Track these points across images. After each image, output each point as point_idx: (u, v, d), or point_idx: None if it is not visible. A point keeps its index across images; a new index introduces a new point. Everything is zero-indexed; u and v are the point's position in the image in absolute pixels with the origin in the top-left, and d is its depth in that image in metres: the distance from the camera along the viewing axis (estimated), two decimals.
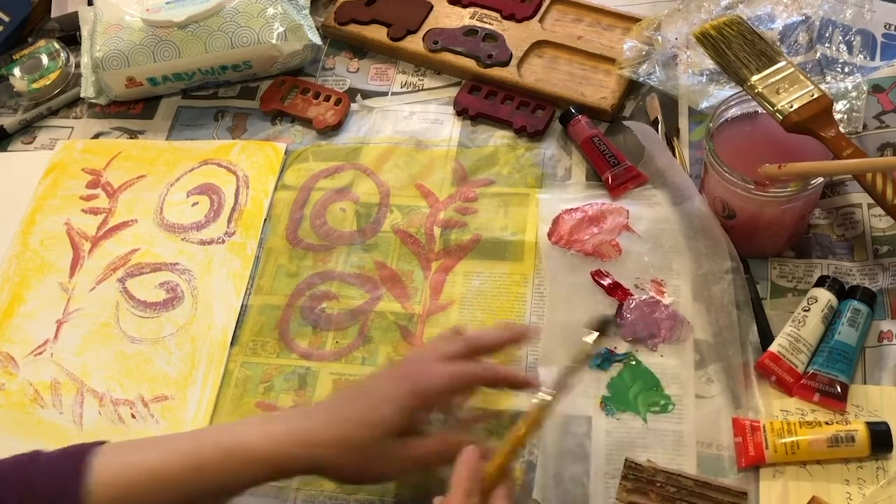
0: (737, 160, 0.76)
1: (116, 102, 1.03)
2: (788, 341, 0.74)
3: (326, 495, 0.74)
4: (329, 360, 0.82)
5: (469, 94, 0.96)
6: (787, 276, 0.80)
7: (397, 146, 0.94)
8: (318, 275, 0.87)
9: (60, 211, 0.94)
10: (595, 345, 0.66)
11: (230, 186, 0.94)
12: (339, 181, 0.93)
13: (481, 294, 0.83)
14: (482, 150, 0.93)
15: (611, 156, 0.88)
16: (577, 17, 1.00)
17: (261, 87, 1.02)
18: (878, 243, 0.81)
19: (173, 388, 0.81)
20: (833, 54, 0.90)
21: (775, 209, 0.76)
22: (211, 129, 0.99)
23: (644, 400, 0.75)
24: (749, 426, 0.71)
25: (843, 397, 0.72)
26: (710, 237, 0.80)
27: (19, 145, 1.02)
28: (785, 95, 0.77)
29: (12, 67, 1.05)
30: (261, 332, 0.84)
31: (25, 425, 0.81)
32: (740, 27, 0.83)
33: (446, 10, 1.03)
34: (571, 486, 0.72)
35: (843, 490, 0.69)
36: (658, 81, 0.92)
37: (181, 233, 0.91)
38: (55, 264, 0.90)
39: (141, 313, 0.86)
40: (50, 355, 0.85)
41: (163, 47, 0.96)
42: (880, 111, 0.86)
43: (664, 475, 0.70)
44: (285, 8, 0.98)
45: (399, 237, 0.88)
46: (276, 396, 0.80)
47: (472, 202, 0.89)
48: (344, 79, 1.01)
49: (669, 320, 0.78)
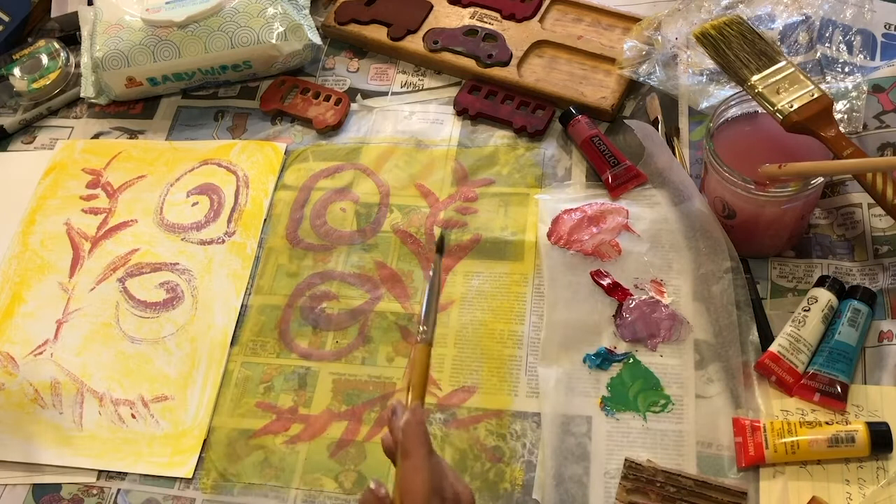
0: (737, 160, 0.76)
1: (116, 102, 1.03)
2: (788, 341, 0.74)
3: (326, 495, 0.75)
4: (329, 360, 0.82)
5: (469, 94, 0.96)
6: (787, 276, 0.80)
7: (397, 146, 0.94)
8: (318, 275, 0.87)
9: (60, 211, 0.94)
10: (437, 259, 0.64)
11: (230, 186, 0.94)
12: (339, 181, 0.93)
13: (481, 294, 0.83)
14: (482, 150, 0.93)
15: (611, 156, 0.88)
16: (577, 16, 1.00)
17: (261, 87, 1.02)
18: (878, 243, 0.81)
19: (173, 388, 0.81)
20: (833, 54, 0.90)
21: (775, 209, 0.76)
22: (211, 129, 0.99)
23: (644, 399, 0.75)
24: (749, 426, 0.71)
25: (843, 397, 0.72)
26: (710, 237, 0.80)
27: (19, 145, 1.02)
28: (785, 95, 0.77)
29: (12, 67, 1.05)
30: (261, 332, 0.84)
31: (25, 425, 0.81)
32: (740, 27, 0.83)
33: (446, 10, 1.03)
34: (571, 486, 0.72)
35: (843, 490, 0.69)
36: (658, 81, 0.92)
37: (181, 233, 0.91)
38: (55, 264, 0.90)
39: (141, 313, 0.86)
40: (50, 355, 0.85)
41: (163, 47, 0.96)
42: (880, 111, 0.86)
43: (664, 475, 0.70)
44: (285, 8, 0.98)
45: (399, 237, 0.88)
46: (276, 396, 0.80)
47: (472, 202, 0.89)
48: (344, 79, 1.01)
49: (669, 320, 0.78)
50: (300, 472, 0.76)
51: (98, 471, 0.78)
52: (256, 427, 0.79)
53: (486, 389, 0.78)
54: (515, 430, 0.76)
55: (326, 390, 0.80)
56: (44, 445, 0.80)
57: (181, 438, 0.79)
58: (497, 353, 0.79)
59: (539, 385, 0.77)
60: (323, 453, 0.77)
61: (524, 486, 0.73)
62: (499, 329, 0.81)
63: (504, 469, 0.74)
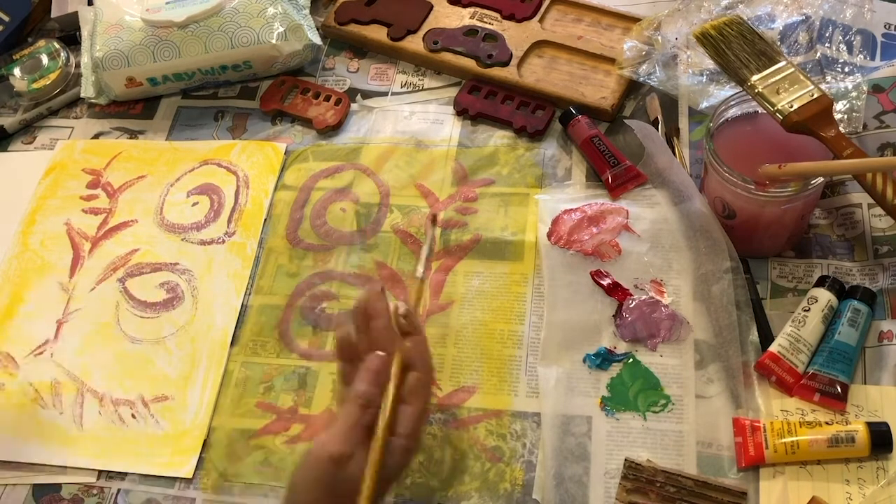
0: (737, 160, 0.76)
1: (116, 102, 1.03)
2: (788, 341, 0.74)
3: None
4: (329, 360, 0.82)
5: (469, 94, 0.96)
6: (787, 276, 0.80)
7: (397, 146, 0.95)
8: (318, 275, 0.87)
9: (60, 211, 0.94)
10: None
11: (230, 186, 0.94)
12: (339, 181, 0.93)
13: (481, 294, 0.83)
14: (482, 150, 0.93)
15: (611, 156, 0.88)
16: (577, 17, 1.00)
17: (261, 87, 1.02)
18: (878, 243, 0.81)
19: (173, 388, 0.81)
20: (833, 54, 0.90)
21: (775, 209, 0.76)
22: (211, 129, 0.99)
23: (644, 399, 0.75)
24: (749, 426, 0.71)
25: (843, 397, 0.72)
26: (710, 237, 0.80)
27: (19, 145, 1.02)
28: (785, 95, 0.77)
29: (12, 67, 1.05)
30: (261, 332, 0.84)
31: (25, 425, 0.81)
32: (740, 27, 0.83)
33: (446, 10, 1.03)
34: (571, 486, 0.72)
35: (843, 490, 0.69)
36: (658, 81, 0.92)
37: (181, 233, 0.91)
38: (55, 264, 0.90)
39: (141, 313, 0.86)
40: (50, 355, 0.85)
41: (163, 47, 0.96)
42: (880, 111, 0.86)
43: (664, 475, 0.70)
44: (285, 8, 0.98)
45: (399, 237, 0.88)
46: (277, 396, 0.80)
47: (472, 202, 0.89)
48: (344, 79, 1.01)
49: (669, 320, 0.78)
50: None
51: (98, 471, 0.78)
52: (257, 427, 0.79)
53: (486, 389, 0.78)
54: (515, 430, 0.76)
55: (326, 390, 0.80)
56: (44, 445, 0.80)
57: (181, 438, 0.79)
58: (497, 353, 0.80)
59: (539, 385, 0.77)
60: None
61: (524, 486, 0.73)
62: (499, 329, 0.81)
63: (504, 469, 0.74)
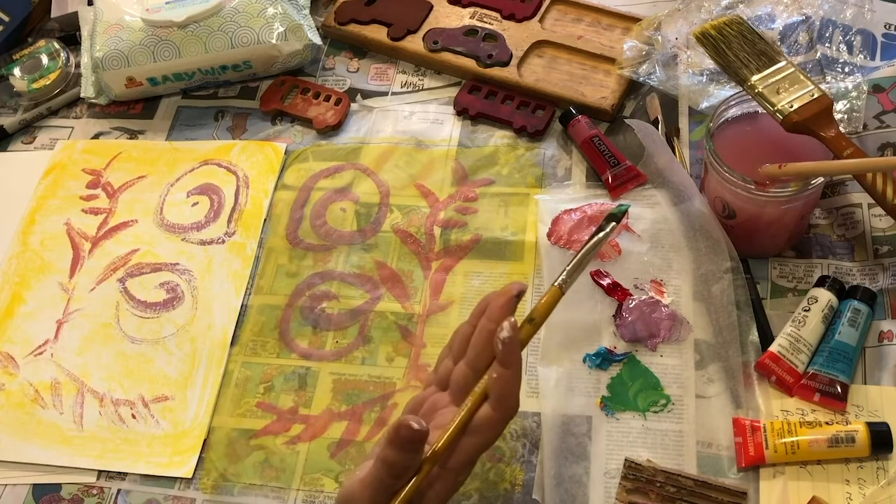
0: (737, 160, 0.76)
1: (116, 102, 1.03)
2: (788, 341, 0.74)
3: (326, 495, 0.75)
4: (329, 360, 0.82)
5: (469, 94, 0.96)
6: (787, 276, 0.80)
7: (397, 146, 0.94)
8: (318, 275, 0.87)
9: (60, 211, 0.94)
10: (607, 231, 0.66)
11: (230, 186, 0.94)
12: (339, 181, 0.93)
13: (481, 294, 0.83)
14: (482, 150, 0.93)
15: (611, 156, 0.88)
16: (577, 16, 1.00)
17: (261, 87, 1.02)
18: (878, 243, 0.81)
19: (173, 388, 0.82)
20: (833, 54, 0.90)
21: (775, 209, 0.76)
22: (211, 129, 1.00)
23: (644, 399, 0.75)
24: (749, 426, 0.71)
25: (844, 397, 0.72)
26: (710, 237, 0.80)
27: (19, 145, 1.02)
28: (785, 95, 0.77)
29: (12, 67, 1.05)
30: (261, 332, 0.84)
31: (25, 425, 0.81)
32: (740, 27, 0.83)
33: (446, 9, 1.03)
34: (571, 486, 0.72)
35: (844, 490, 0.69)
36: (658, 81, 0.92)
37: (181, 233, 0.91)
38: (55, 264, 0.91)
39: (141, 313, 0.86)
40: (50, 355, 0.85)
41: (163, 47, 0.96)
42: (880, 111, 0.86)
43: (664, 475, 0.70)
44: (285, 8, 0.98)
45: (399, 237, 0.88)
46: (277, 397, 0.80)
47: (472, 202, 0.89)
48: (344, 79, 1.01)
49: (669, 320, 0.78)
50: (300, 473, 0.76)
51: (98, 471, 0.78)
52: (257, 427, 0.79)
53: None
54: (515, 430, 0.76)
55: (326, 390, 0.80)
56: (44, 445, 0.80)
57: (181, 438, 0.79)
58: None
59: (539, 385, 0.77)
60: (323, 454, 0.77)
61: (524, 486, 0.73)
62: None
63: (504, 469, 0.74)
